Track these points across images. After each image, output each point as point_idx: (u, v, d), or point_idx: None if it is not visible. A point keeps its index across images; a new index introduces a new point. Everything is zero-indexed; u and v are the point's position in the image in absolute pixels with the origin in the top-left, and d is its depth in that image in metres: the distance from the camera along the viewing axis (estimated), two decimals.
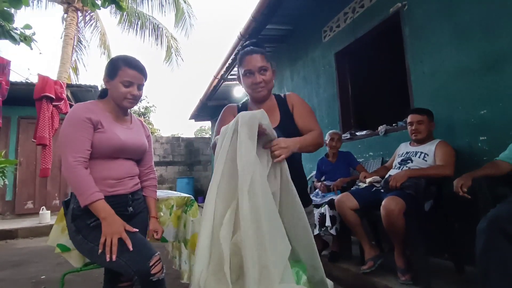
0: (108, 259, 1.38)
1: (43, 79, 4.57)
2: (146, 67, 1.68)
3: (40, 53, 4.29)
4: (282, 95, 1.69)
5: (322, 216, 2.88)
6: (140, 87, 1.65)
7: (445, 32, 2.77)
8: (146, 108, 18.08)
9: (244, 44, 1.71)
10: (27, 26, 3.82)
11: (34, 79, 4.96)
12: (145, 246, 1.47)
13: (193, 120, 11.37)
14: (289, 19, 5.19)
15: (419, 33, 3.04)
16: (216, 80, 7.22)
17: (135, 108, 17.20)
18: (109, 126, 1.58)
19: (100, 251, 1.41)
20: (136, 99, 1.65)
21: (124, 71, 1.58)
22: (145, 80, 1.68)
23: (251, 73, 1.55)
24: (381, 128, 3.52)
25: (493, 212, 1.55)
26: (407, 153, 2.70)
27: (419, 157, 2.57)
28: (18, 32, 3.79)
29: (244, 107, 1.69)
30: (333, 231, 2.82)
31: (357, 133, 4.00)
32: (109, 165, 1.58)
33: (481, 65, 2.49)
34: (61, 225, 1.78)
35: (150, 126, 18.03)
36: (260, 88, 1.56)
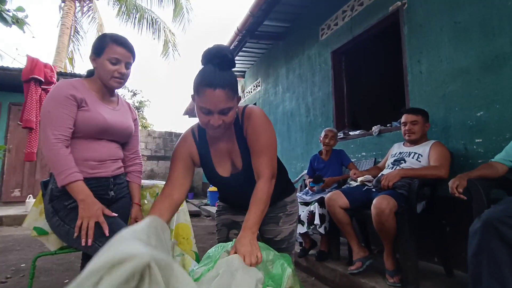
0: (83, 243, 1.32)
1: (32, 61, 4.46)
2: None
3: (33, 37, 4.21)
4: (240, 117, 1.35)
5: (312, 214, 2.84)
6: (127, 65, 1.58)
7: (445, 31, 2.74)
8: (140, 102, 17.94)
9: (207, 51, 1.22)
10: (20, 9, 3.73)
11: (23, 60, 4.86)
12: None
13: (187, 116, 11.30)
14: (287, 16, 5.17)
15: (418, 33, 3.00)
16: None
17: (129, 101, 17.06)
18: (93, 105, 1.51)
19: (76, 234, 1.34)
20: (124, 78, 1.58)
21: (111, 48, 1.51)
22: (133, 59, 1.61)
23: (210, 113, 1.20)
24: (375, 128, 3.49)
25: (487, 213, 1.51)
26: (400, 153, 2.65)
27: (412, 158, 2.52)
28: (11, 14, 3.70)
29: (202, 136, 1.42)
30: (321, 230, 2.77)
31: (351, 133, 3.96)
32: (91, 145, 1.52)
33: (479, 66, 2.46)
34: (40, 208, 1.70)
35: (144, 121, 17.88)
36: (216, 130, 1.25)
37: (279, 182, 1.40)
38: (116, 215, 1.45)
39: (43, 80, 4.54)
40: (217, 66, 1.20)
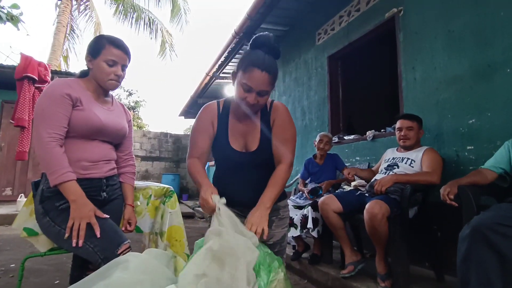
0: (74, 244, 1.31)
1: (26, 59, 4.41)
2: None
3: (28, 34, 4.19)
4: (268, 105, 1.51)
5: (305, 218, 2.84)
6: (123, 67, 1.59)
7: (439, 39, 2.77)
8: (136, 102, 17.87)
9: (257, 37, 1.39)
10: (15, 6, 3.71)
11: (17, 59, 4.81)
12: (115, 233, 1.40)
13: (183, 117, 11.26)
14: (284, 20, 5.18)
15: (413, 39, 3.03)
16: (208, 78, 7.16)
17: (125, 101, 16.98)
18: (88, 105, 1.51)
19: (67, 235, 1.33)
20: (120, 79, 1.59)
21: (108, 50, 1.52)
22: (129, 61, 1.62)
23: (250, 90, 1.32)
24: (369, 133, 3.51)
25: (476, 219, 1.52)
26: (393, 158, 2.67)
27: (405, 163, 2.54)
28: (5, 11, 3.68)
29: (224, 116, 1.50)
30: (314, 233, 2.77)
31: (345, 137, 3.98)
32: (84, 146, 1.51)
33: (472, 74, 2.49)
34: (30, 208, 1.68)
35: (139, 121, 17.82)
36: (250, 108, 1.37)
37: None
38: (108, 216, 1.45)
39: (36, 78, 4.49)
40: (267, 53, 1.35)
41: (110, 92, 1.70)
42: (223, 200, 1.25)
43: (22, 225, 1.66)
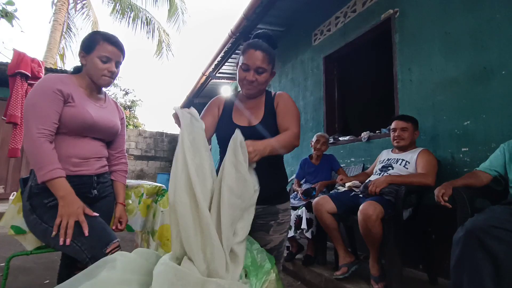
0: (61, 243, 1.28)
1: (19, 55, 4.34)
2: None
3: (22, 31, 4.14)
4: (272, 93, 1.59)
5: (299, 218, 2.82)
6: (117, 64, 1.57)
7: (435, 41, 2.77)
8: (132, 101, 17.75)
9: (257, 32, 1.58)
10: (10, 2, 3.67)
11: (10, 55, 4.73)
12: (104, 231, 1.38)
13: None
14: (281, 20, 5.17)
15: (409, 41, 3.03)
16: (204, 78, 7.12)
17: (121, 100, 16.88)
18: (80, 102, 1.49)
19: (54, 233, 1.30)
20: (113, 76, 1.57)
21: (102, 46, 1.50)
22: (123, 58, 1.60)
23: (247, 69, 1.43)
24: (365, 134, 3.50)
25: (470, 222, 1.51)
26: (388, 159, 2.66)
27: (400, 164, 2.54)
28: (0, 7, 3.64)
29: (230, 101, 1.59)
30: (308, 234, 2.76)
31: (341, 138, 3.97)
32: (75, 142, 1.49)
33: (468, 76, 2.49)
34: (18, 205, 1.66)
35: (135, 120, 17.71)
36: (249, 87, 1.45)
37: (278, 180, 1.51)
38: (98, 214, 1.42)
39: (29, 75, 4.43)
40: (264, 40, 1.49)
41: (103, 89, 1.68)
42: (193, 109, 1.21)
43: (9, 222, 1.63)
